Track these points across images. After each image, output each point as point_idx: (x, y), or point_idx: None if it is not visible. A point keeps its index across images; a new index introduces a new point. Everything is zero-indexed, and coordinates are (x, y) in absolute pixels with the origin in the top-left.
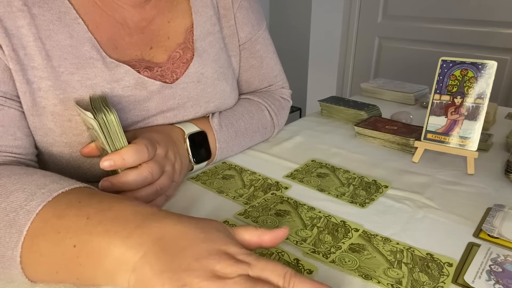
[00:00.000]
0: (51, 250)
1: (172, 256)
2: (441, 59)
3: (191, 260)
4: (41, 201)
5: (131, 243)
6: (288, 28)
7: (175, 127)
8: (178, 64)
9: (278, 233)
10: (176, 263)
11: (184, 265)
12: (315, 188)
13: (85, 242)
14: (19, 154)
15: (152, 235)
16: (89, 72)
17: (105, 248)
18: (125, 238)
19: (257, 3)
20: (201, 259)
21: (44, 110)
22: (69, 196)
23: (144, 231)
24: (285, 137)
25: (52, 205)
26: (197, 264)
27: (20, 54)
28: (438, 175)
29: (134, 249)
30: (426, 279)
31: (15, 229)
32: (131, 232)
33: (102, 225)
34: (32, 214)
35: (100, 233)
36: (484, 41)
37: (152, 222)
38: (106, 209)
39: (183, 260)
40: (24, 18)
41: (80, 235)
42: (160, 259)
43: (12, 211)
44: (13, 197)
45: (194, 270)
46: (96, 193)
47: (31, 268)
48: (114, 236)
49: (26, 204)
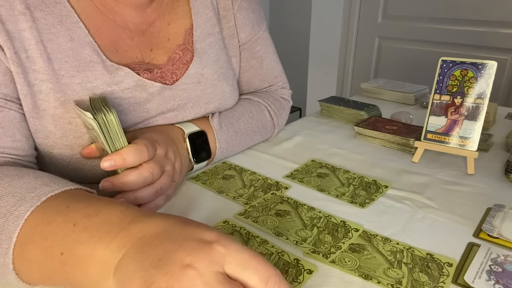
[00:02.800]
0: (41, 257)
1: (145, 254)
2: (441, 59)
3: (162, 255)
4: (30, 205)
5: (113, 247)
6: (288, 28)
7: (175, 127)
8: (178, 66)
9: None
10: (148, 261)
11: (155, 263)
12: (315, 188)
13: (71, 250)
14: (17, 156)
15: (134, 236)
16: (89, 75)
17: (89, 255)
18: (108, 243)
19: (257, 4)
20: (171, 253)
21: (45, 112)
22: (58, 200)
23: (127, 233)
24: (285, 137)
25: (40, 210)
26: (165, 260)
27: (22, 57)
28: (438, 175)
29: (115, 252)
30: (426, 279)
31: (5, 235)
32: (114, 237)
33: (88, 231)
34: (21, 220)
35: (85, 240)
36: (484, 41)
37: (137, 223)
38: (93, 214)
39: (154, 257)
40: (26, 21)
41: (67, 243)
42: (135, 259)
43: (2, 216)
44: (3, 201)
45: (162, 266)
46: (86, 196)
47: (25, 274)
48: (98, 242)
49: (15, 209)
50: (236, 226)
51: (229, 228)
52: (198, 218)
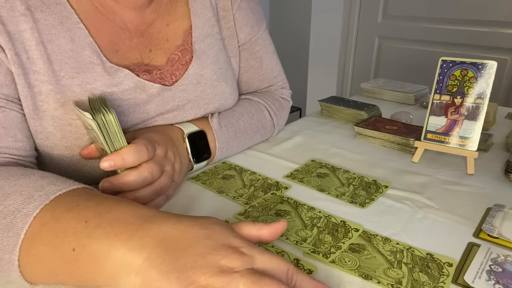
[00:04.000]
0: (50, 253)
1: (176, 256)
2: (441, 59)
3: (196, 257)
4: (39, 204)
5: (132, 246)
6: (288, 28)
7: (174, 127)
8: (177, 66)
9: (276, 227)
10: (181, 262)
11: (190, 264)
12: (315, 188)
13: (84, 246)
14: (19, 156)
15: (154, 237)
16: (89, 77)
17: (105, 251)
18: (126, 241)
19: (256, 4)
20: (206, 255)
21: (45, 114)
22: (67, 198)
23: (146, 233)
24: (285, 137)
25: (49, 208)
26: (202, 261)
27: (23, 58)
28: (438, 175)
29: (136, 251)
30: (426, 279)
31: (12, 232)
32: (131, 235)
33: (101, 228)
34: (29, 218)
35: (99, 236)
36: (484, 41)
37: (153, 223)
38: (105, 212)
39: (188, 258)
40: (27, 22)
41: (79, 239)
42: (165, 260)
43: (10, 214)
44: (10, 200)
45: (200, 267)
46: (94, 195)
47: (29, 271)
48: (114, 238)
49: (23, 207)
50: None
51: None
52: None
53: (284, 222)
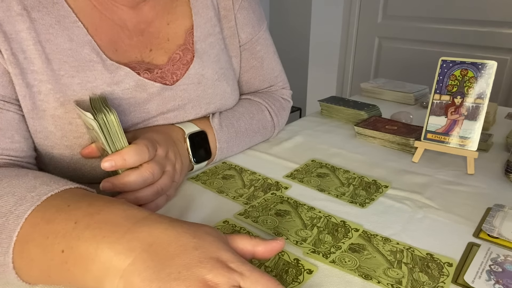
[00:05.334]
0: (41, 255)
1: (161, 264)
2: (441, 59)
3: (181, 268)
4: (30, 205)
5: (119, 249)
6: (288, 28)
7: (175, 127)
8: (178, 66)
9: (273, 245)
10: (165, 271)
11: (174, 274)
12: (315, 188)
13: (73, 248)
14: (16, 157)
15: (142, 241)
16: (89, 75)
17: (92, 254)
18: (113, 243)
19: (257, 4)
20: (191, 267)
21: (45, 113)
22: (59, 199)
23: (134, 236)
24: (285, 137)
25: (41, 209)
26: (187, 273)
27: (20, 58)
28: (438, 175)
29: (122, 255)
30: (426, 279)
31: (5, 234)
32: (119, 237)
33: (90, 229)
34: (21, 219)
35: (87, 238)
36: (484, 41)
37: (142, 226)
38: (95, 213)
39: (173, 268)
40: (24, 22)
41: (68, 240)
42: (149, 267)
43: (2, 216)
44: (2, 201)
45: (183, 279)
46: (86, 195)
47: (25, 273)
48: (101, 241)
49: (15, 208)
50: (236, 226)
51: (229, 228)
52: (198, 218)
53: (282, 241)
